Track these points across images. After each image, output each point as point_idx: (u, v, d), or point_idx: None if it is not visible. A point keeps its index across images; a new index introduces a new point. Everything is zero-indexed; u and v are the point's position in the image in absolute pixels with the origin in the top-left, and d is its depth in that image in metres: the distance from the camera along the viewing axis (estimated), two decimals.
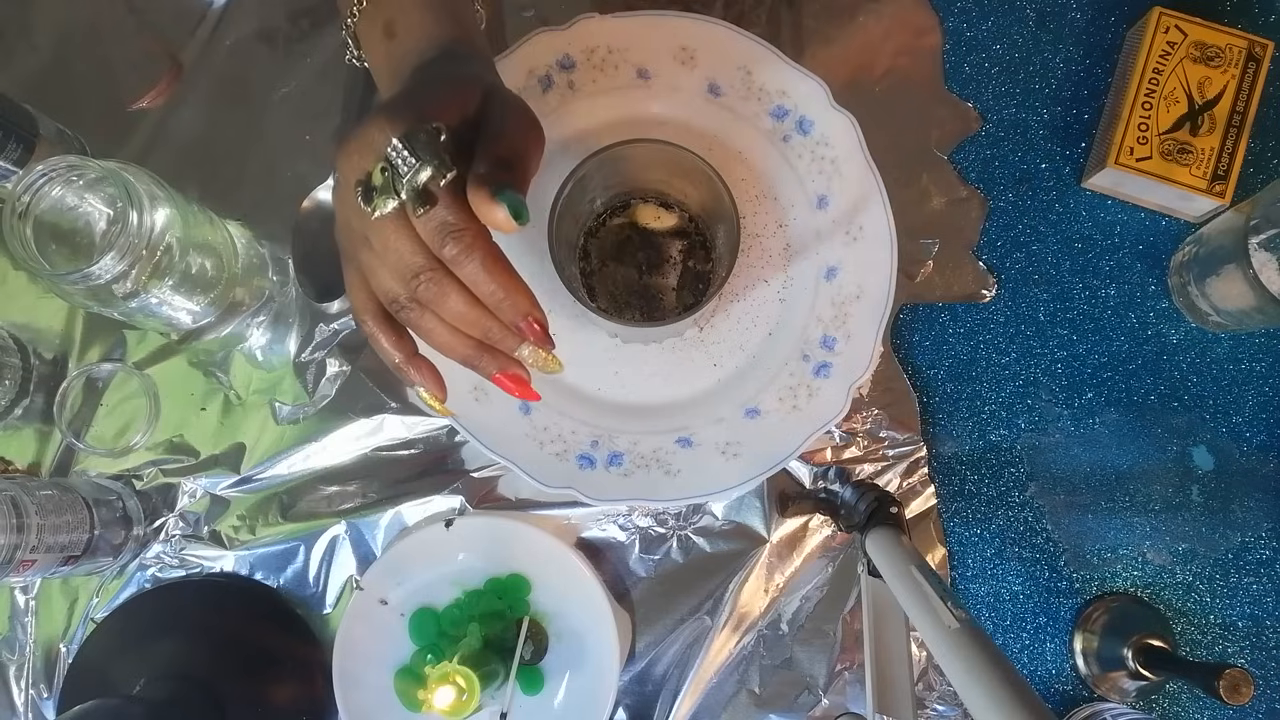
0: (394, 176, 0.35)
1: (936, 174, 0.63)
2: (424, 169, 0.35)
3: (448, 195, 0.36)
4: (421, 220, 0.36)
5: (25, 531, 0.52)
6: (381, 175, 0.35)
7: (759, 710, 0.59)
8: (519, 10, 0.64)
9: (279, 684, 0.59)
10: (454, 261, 0.36)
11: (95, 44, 0.65)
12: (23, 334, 0.62)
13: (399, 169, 0.35)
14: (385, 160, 0.35)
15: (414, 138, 0.35)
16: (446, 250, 0.36)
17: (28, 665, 0.60)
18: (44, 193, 0.52)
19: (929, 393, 0.62)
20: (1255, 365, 0.62)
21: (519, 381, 0.41)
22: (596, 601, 0.57)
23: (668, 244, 0.58)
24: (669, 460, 0.57)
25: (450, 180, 0.35)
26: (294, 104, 0.64)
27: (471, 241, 0.36)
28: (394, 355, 0.41)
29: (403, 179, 0.35)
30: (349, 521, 0.60)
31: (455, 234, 0.36)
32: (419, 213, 0.35)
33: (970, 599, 0.61)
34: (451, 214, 0.36)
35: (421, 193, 0.35)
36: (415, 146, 0.35)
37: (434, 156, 0.35)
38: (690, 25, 0.58)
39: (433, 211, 0.36)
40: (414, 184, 0.35)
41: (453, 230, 0.36)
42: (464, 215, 0.36)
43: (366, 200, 0.36)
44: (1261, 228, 0.55)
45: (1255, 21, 0.64)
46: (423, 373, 0.41)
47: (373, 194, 0.36)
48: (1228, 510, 0.61)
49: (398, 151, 0.35)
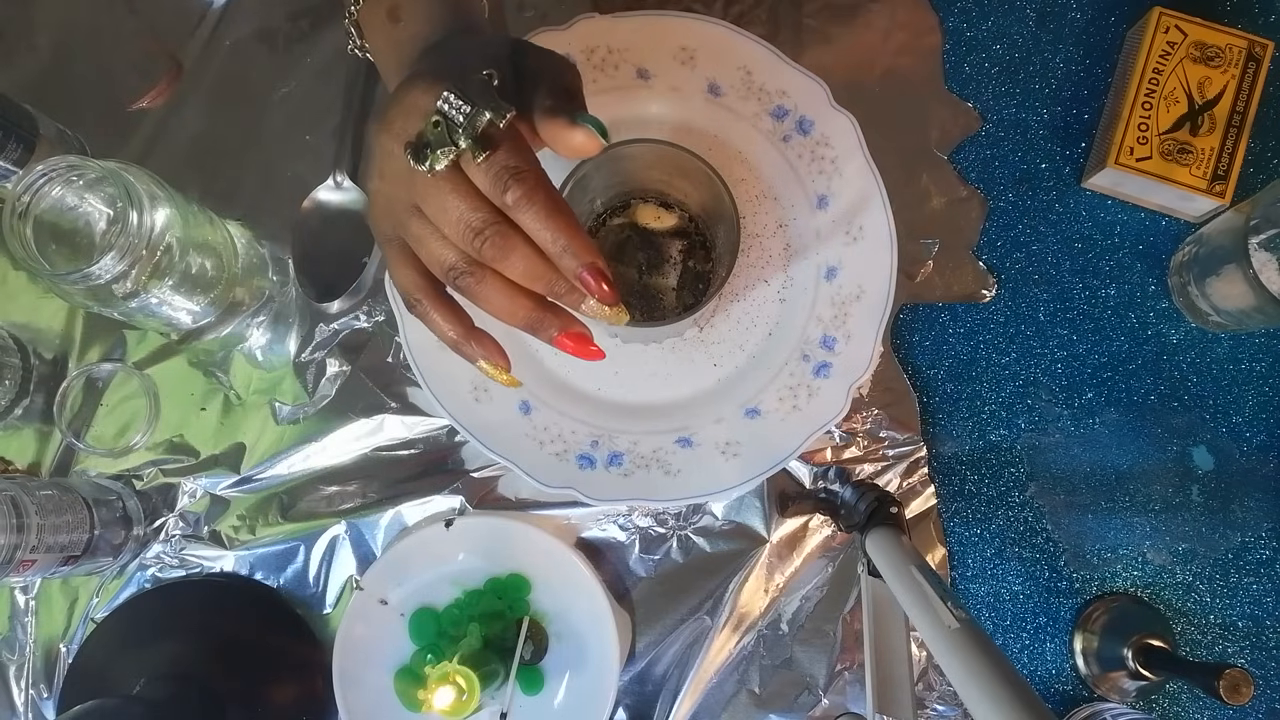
0: (448, 128, 0.34)
1: (936, 174, 0.63)
2: (482, 112, 0.34)
3: (511, 136, 0.35)
4: (483, 167, 0.35)
5: (25, 531, 0.52)
6: (434, 130, 0.34)
7: (759, 710, 0.59)
8: (519, 10, 0.64)
9: (279, 684, 0.59)
10: (517, 206, 0.35)
11: (95, 44, 0.65)
12: (23, 334, 0.62)
13: (454, 119, 0.34)
14: (437, 114, 0.34)
15: (467, 84, 0.34)
16: (509, 195, 0.35)
17: (28, 665, 0.60)
18: (44, 193, 0.52)
19: (929, 393, 0.62)
20: (1255, 365, 0.62)
21: (581, 340, 0.39)
22: (596, 601, 0.57)
23: (668, 244, 0.58)
24: (669, 460, 0.57)
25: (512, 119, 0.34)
26: (294, 104, 0.64)
27: (535, 183, 0.35)
28: (451, 331, 0.40)
29: (459, 127, 0.34)
30: (349, 521, 0.60)
31: (518, 176, 0.35)
32: (480, 158, 0.34)
33: (970, 599, 0.61)
34: (514, 154, 0.35)
35: (482, 137, 0.34)
36: (470, 93, 0.34)
37: (490, 99, 0.34)
38: (690, 25, 0.58)
39: (494, 155, 0.35)
40: (473, 128, 0.34)
41: (515, 172, 0.35)
42: (526, 157, 0.35)
43: (419, 159, 0.35)
44: (1261, 228, 0.55)
45: (1255, 21, 0.64)
46: (484, 344, 0.40)
47: (425, 151, 0.35)
48: (1228, 510, 0.61)
49: (450, 102, 0.34)
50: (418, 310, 0.40)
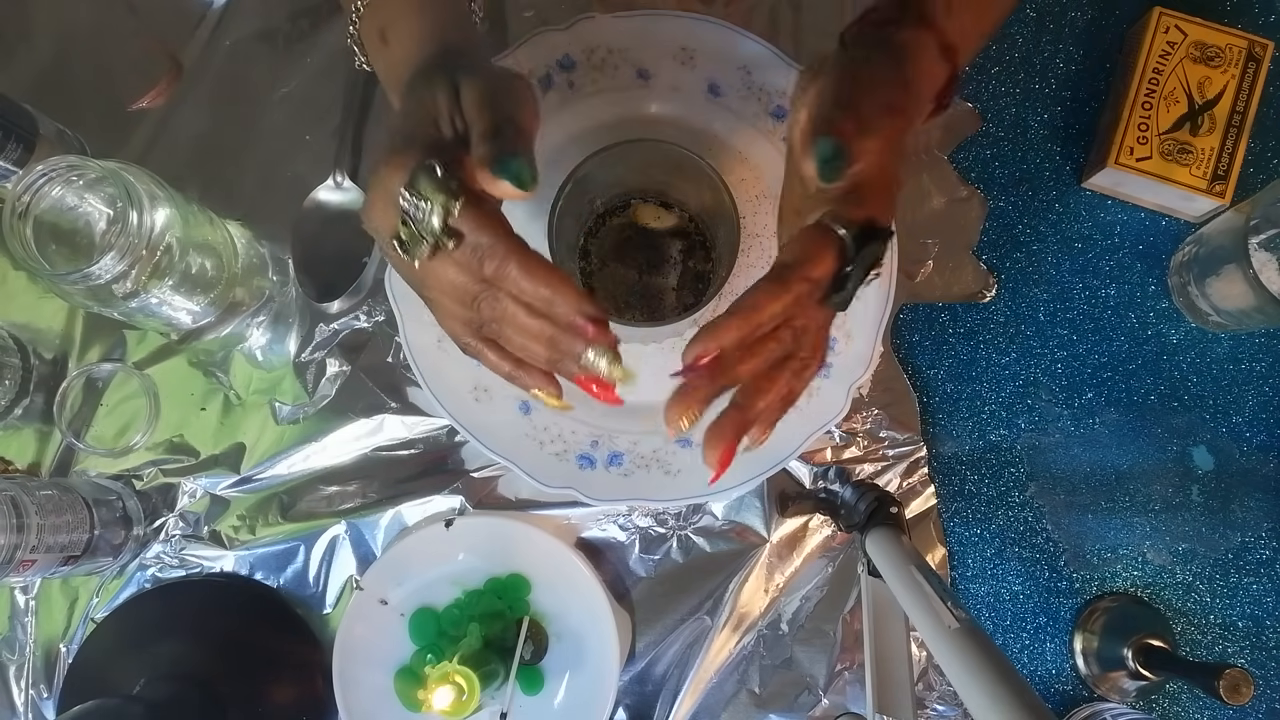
0: (415, 226, 0.36)
1: (936, 174, 0.63)
2: (435, 210, 0.36)
3: (469, 220, 0.36)
4: (455, 253, 0.37)
5: (25, 531, 0.52)
6: (405, 229, 0.37)
7: (759, 710, 0.59)
8: (519, 10, 0.64)
9: (279, 684, 0.59)
10: (496, 280, 0.37)
11: (95, 44, 0.65)
12: (23, 334, 0.62)
13: (416, 217, 0.36)
14: (403, 214, 0.36)
15: (415, 183, 0.36)
16: (486, 270, 0.37)
17: (28, 665, 0.60)
18: (44, 193, 0.52)
19: (929, 393, 0.62)
20: (1255, 365, 0.62)
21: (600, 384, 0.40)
22: (596, 601, 0.57)
23: (668, 244, 0.58)
24: (669, 460, 0.57)
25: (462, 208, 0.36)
26: (294, 104, 0.64)
27: (504, 254, 0.36)
28: (502, 367, 0.41)
29: (424, 224, 0.36)
30: (349, 521, 0.60)
31: (487, 253, 0.36)
32: (450, 248, 0.36)
33: (970, 599, 0.61)
34: (477, 235, 0.36)
35: (444, 230, 0.36)
36: (419, 192, 0.36)
37: (438, 193, 0.35)
38: (690, 25, 0.58)
39: (462, 241, 0.36)
40: (432, 227, 0.36)
41: (484, 250, 0.36)
42: (490, 232, 0.36)
43: (406, 253, 0.37)
44: (1261, 228, 0.55)
45: (1255, 21, 0.64)
46: (534, 376, 0.42)
47: (407, 246, 0.37)
48: (1228, 510, 0.61)
49: (408, 201, 0.36)
50: (470, 351, 0.41)
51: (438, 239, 0.36)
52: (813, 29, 0.64)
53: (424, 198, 0.35)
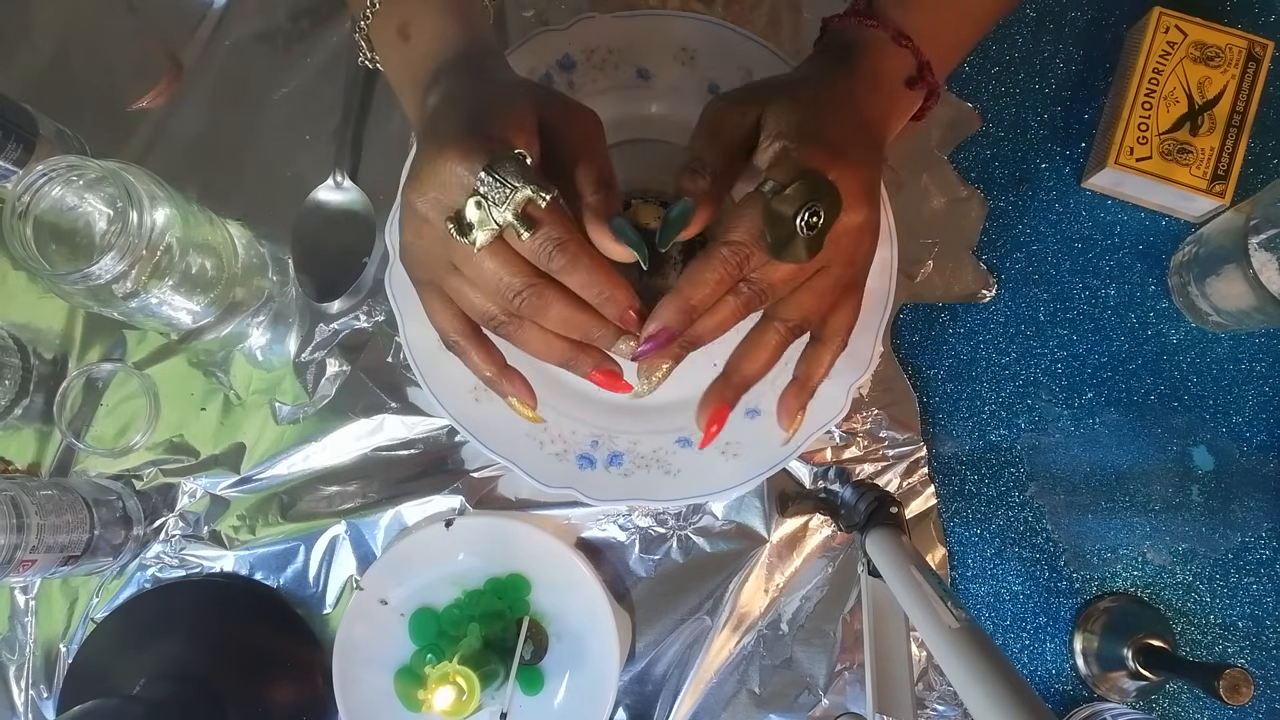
0: (489, 207, 0.36)
1: (936, 174, 0.63)
2: (516, 197, 0.36)
3: (550, 211, 0.37)
4: (526, 241, 0.37)
5: (25, 531, 0.52)
6: (476, 209, 0.36)
7: (759, 710, 0.59)
8: (519, 10, 0.64)
9: (279, 684, 0.59)
10: (562, 271, 0.38)
11: (95, 44, 0.65)
12: (23, 334, 0.62)
13: (494, 199, 0.36)
14: (476, 194, 0.36)
15: (501, 167, 0.36)
16: (554, 263, 0.37)
17: (28, 665, 0.60)
18: (44, 193, 0.52)
19: (929, 393, 0.62)
20: (1255, 365, 0.62)
21: (613, 376, 0.42)
22: (596, 601, 0.57)
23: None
24: (669, 460, 0.57)
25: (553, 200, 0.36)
26: (294, 104, 0.64)
27: (577, 250, 0.37)
28: (485, 370, 0.42)
29: (501, 208, 0.36)
30: (349, 521, 0.60)
31: (560, 246, 0.37)
32: (524, 235, 0.36)
33: (970, 599, 0.61)
34: (555, 228, 0.37)
35: (523, 217, 0.36)
36: (506, 176, 0.36)
37: (528, 182, 0.36)
38: (690, 25, 0.58)
39: (538, 231, 0.37)
40: (506, 214, 0.36)
41: (558, 243, 0.37)
42: (567, 226, 0.37)
43: (462, 233, 0.37)
44: (1261, 228, 0.55)
45: (1255, 21, 0.64)
46: (515, 383, 0.43)
47: (469, 228, 0.37)
48: (1228, 510, 0.61)
49: (487, 184, 0.36)
50: (455, 349, 0.42)
51: (511, 225, 0.36)
52: (813, 29, 0.63)
53: (508, 183, 0.36)
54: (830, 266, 0.40)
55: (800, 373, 0.45)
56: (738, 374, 0.43)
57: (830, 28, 0.47)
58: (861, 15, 0.45)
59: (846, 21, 0.45)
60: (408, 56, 0.44)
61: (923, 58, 0.44)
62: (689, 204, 0.39)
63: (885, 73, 0.44)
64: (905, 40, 0.44)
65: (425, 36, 0.44)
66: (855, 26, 0.45)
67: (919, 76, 0.45)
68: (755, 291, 0.40)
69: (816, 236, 0.37)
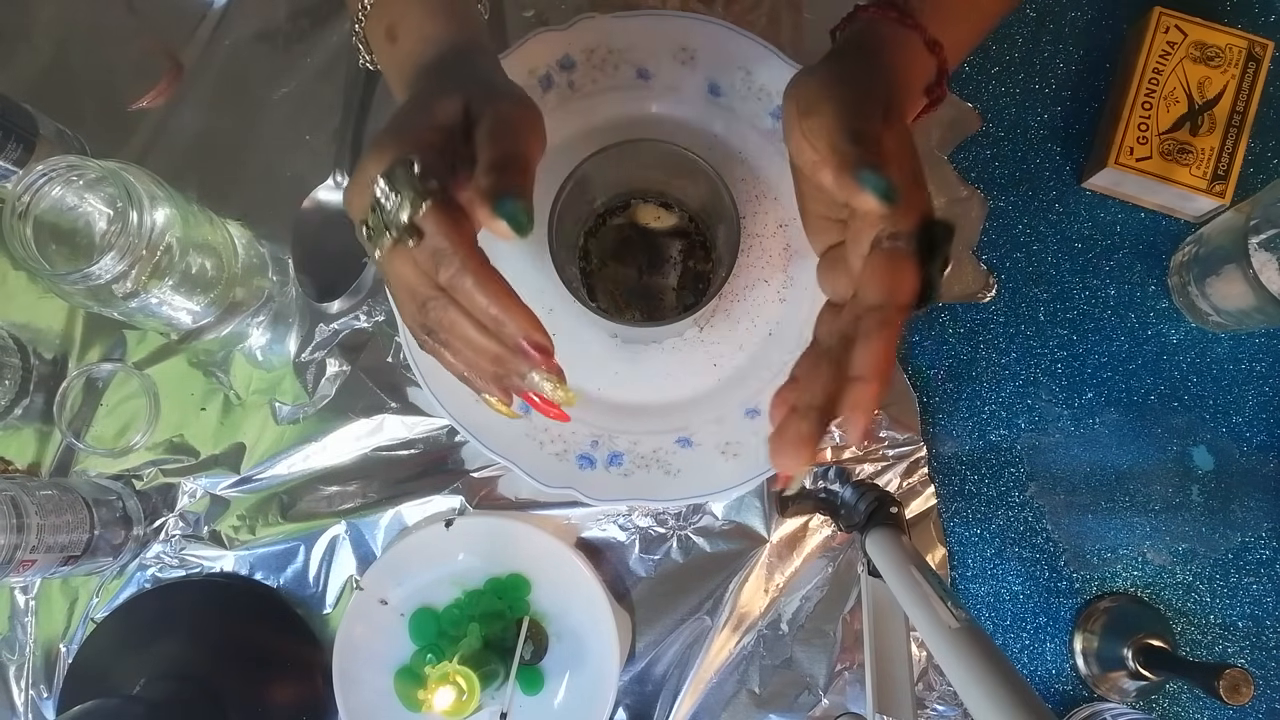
0: (383, 215, 0.36)
1: (936, 174, 0.63)
2: (404, 204, 0.35)
3: (433, 222, 0.36)
4: (415, 251, 0.36)
5: (25, 531, 0.52)
6: (374, 215, 0.36)
7: (759, 710, 0.59)
8: (519, 10, 0.64)
9: (279, 684, 0.59)
10: (450, 286, 0.37)
11: (95, 44, 0.65)
12: (23, 334, 0.62)
13: (385, 207, 0.36)
14: (374, 200, 0.36)
15: (391, 174, 0.35)
16: (441, 275, 0.36)
17: (28, 665, 0.60)
18: (44, 193, 0.52)
19: (929, 393, 0.62)
20: (1255, 365, 0.62)
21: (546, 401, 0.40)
22: (596, 601, 0.57)
23: (668, 244, 0.58)
24: (669, 460, 0.57)
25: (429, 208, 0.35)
26: (294, 104, 0.64)
27: (462, 263, 0.36)
28: (456, 368, 0.41)
29: (389, 215, 0.36)
30: (349, 521, 0.60)
31: (444, 259, 0.36)
32: (410, 244, 0.36)
33: (970, 599, 0.61)
34: (440, 239, 0.36)
35: (408, 226, 0.36)
36: (394, 183, 0.35)
37: (410, 189, 0.35)
38: (690, 25, 0.58)
39: (422, 241, 0.36)
40: (398, 220, 0.35)
41: (441, 255, 0.36)
42: (453, 239, 0.36)
43: (368, 240, 0.37)
44: (1261, 228, 0.55)
45: (1255, 21, 0.64)
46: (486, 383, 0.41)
47: (370, 234, 0.36)
48: (1228, 510, 0.61)
49: (381, 190, 0.36)
50: (427, 349, 0.41)
51: (401, 233, 0.36)
52: (813, 29, 0.64)
53: (396, 190, 0.35)
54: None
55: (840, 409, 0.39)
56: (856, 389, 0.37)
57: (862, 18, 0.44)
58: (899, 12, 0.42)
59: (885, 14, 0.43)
60: (395, 58, 0.44)
61: (945, 67, 0.43)
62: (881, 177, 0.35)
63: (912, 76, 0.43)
64: (938, 48, 0.42)
65: (411, 38, 0.44)
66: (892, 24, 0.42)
67: (935, 84, 0.44)
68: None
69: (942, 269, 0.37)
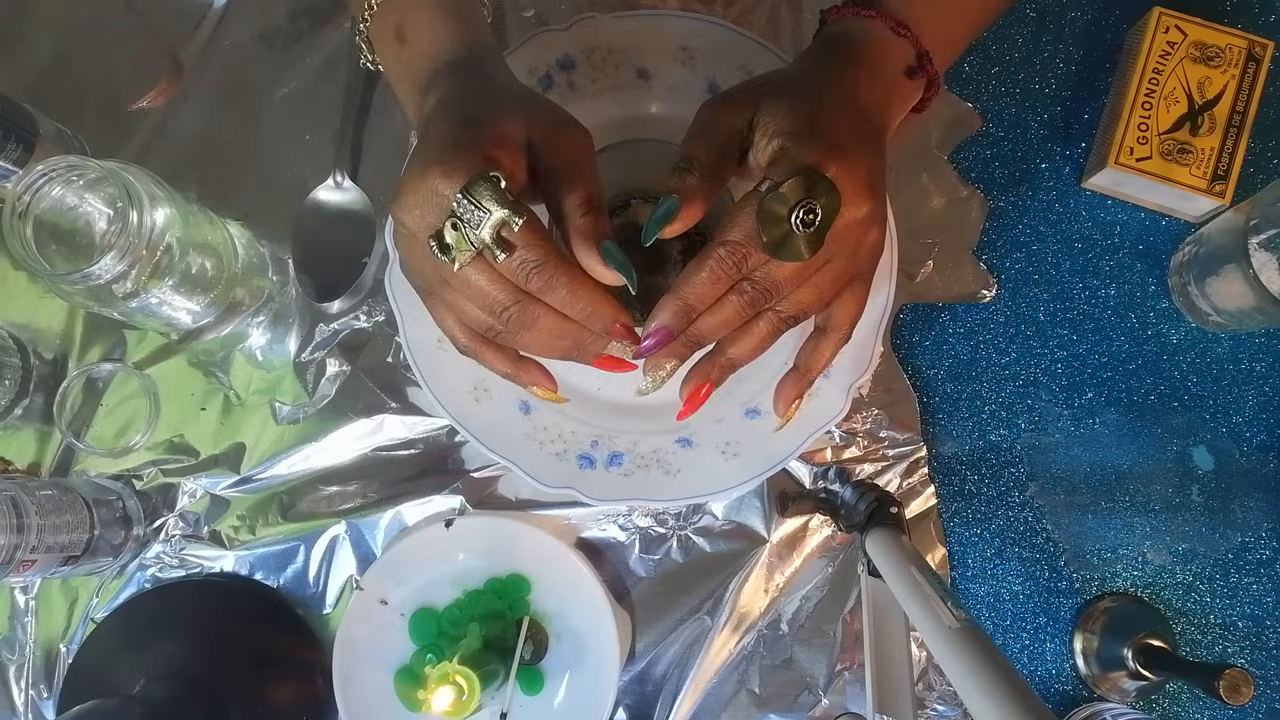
0: (466, 229, 0.36)
1: (936, 174, 0.63)
2: (491, 219, 0.36)
3: (524, 236, 0.36)
4: (503, 263, 0.37)
5: (25, 531, 0.52)
6: (453, 230, 0.36)
7: (759, 710, 0.59)
8: (519, 10, 0.64)
9: (279, 684, 0.59)
10: (541, 292, 0.38)
11: (95, 44, 0.65)
12: (23, 334, 0.62)
13: (469, 222, 0.36)
14: (453, 215, 0.36)
15: (476, 190, 0.36)
16: (533, 284, 0.37)
17: (28, 665, 0.60)
18: (44, 193, 0.52)
19: (929, 393, 0.62)
20: (1255, 365, 0.62)
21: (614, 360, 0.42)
22: (596, 601, 0.57)
23: (668, 244, 0.58)
24: (669, 460, 0.57)
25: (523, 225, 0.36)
26: (294, 104, 0.64)
27: (554, 271, 0.37)
28: (501, 369, 0.43)
29: (476, 231, 0.36)
30: (349, 521, 0.60)
31: (538, 268, 0.37)
32: (499, 258, 0.37)
33: (970, 599, 0.61)
34: (530, 250, 0.37)
35: (497, 240, 0.36)
36: (480, 199, 0.36)
37: (501, 206, 0.36)
38: (690, 25, 0.58)
39: (512, 254, 0.37)
40: (483, 235, 0.36)
41: (535, 265, 0.37)
42: (542, 249, 0.37)
43: (443, 252, 0.37)
44: (1261, 228, 0.55)
45: (1255, 21, 0.64)
46: (532, 374, 0.43)
47: (449, 248, 0.37)
48: (1228, 510, 0.61)
49: (463, 206, 0.36)
50: (468, 354, 0.42)
51: (487, 248, 0.36)
52: (813, 29, 0.63)
53: (482, 206, 0.36)
54: (833, 261, 0.40)
55: (800, 361, 0.45)
56: (724, 355, 0.43)
57: (827, 20, 0.47)
58: (859, 6, 0.44)
59: (843, 13, 0.45)
60: (404, 59, 0.44)
61: (922, 46, 0.44)
62: (674, 201, 0.39)
63: (884, 63, 0.44)
64: (904, 30, 0.44)
65: (422, 39, 0.44)
66: (852, 18, 0.44)
67: (919, 66, 0.45)
68: (759, 290, 0.40)
69: (816, 233, 0.37)
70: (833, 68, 0.43)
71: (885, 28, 0.44)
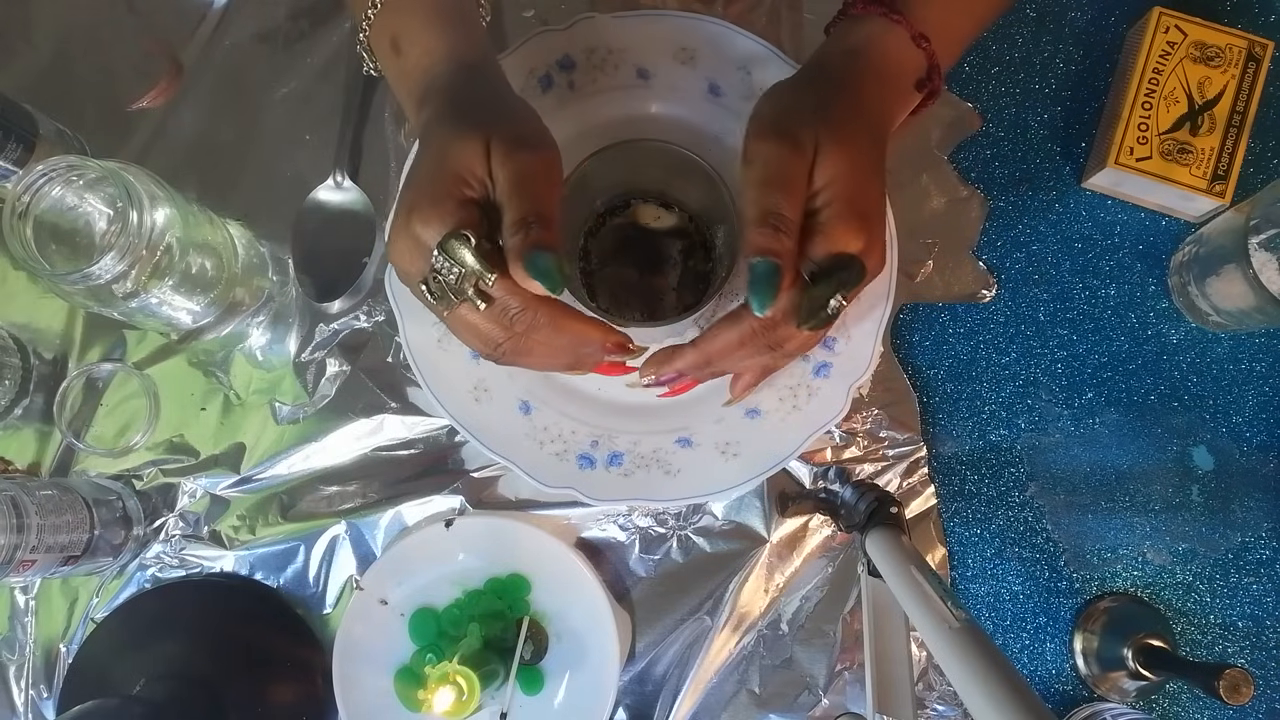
0: (445, 282, 0.38)
1: (936, 174, 0.63)
2: (468, 274, 0.38)
3: (500, 286, 0.38)
4: (484, 313, 0.39)
5: (25, 531, 0.52)
6: (434, 281, 0.39)
7: (759, 710, 0.59)
8: (519, 10, 0.64)
9: (279, 684, 0.59)
10: (528, 335, 0.40)
11: (95, 44, 0.65)
12: (23, 334, 0.62)
13: (448, 276, 0.38)
14: (434, 269, 0.38)
15: (449, 248, 0.37)
16: (516, 328, 0.40)
17: (28, 665, 0.60)
18: (44, 193, 0.52)
19: (929, 393, 0.62)
20: (1255, 365, 0.62)
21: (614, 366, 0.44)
22: (596, 601, 0.57)
23: (668, 244, 0.58)
24: (669, 460, 0.57)
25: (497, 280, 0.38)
26: (294, 104, 0.64)
27: (534, 314, 0.39)
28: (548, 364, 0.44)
29: (452, 284, 0.38)
30: (349, 521, 0.60)
31: (519, 314, 0.39)
32: (481, 308, 0.39)
33: (970, 599, 0.61)
34: (511, 301, 0.39)
35: (477, 292, 0.38)
36: (454, 255, 0.38)
37: (473, 263, 0.37)
38: (690, 25, 0.58)
39: (491, 305, 0.39)
40: (463, 288, 0.38)
41: (516, 311, 0.39)
42: (520, 296, 0.39)
43: (435, 298, 0.39)
44: (1261, 228, 0.55)
45: (1255, 21, 0.64)
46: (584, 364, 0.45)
47: (435, 295, 0.39)
48: (1228, 510, 0.61)
49: (440, 262, 0.38)
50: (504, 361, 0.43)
51: (468, 300, 0.38)
52: (812, 29, 0.64)
53: (456, 262, 0.37)
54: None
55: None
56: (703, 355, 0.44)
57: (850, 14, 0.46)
58: (885, 6, 0.44)
59: (870, 9, 0.44)
60: (401, 70, 0.45)
61: (934, 61, 0.44)
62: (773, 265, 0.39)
63: (901, 75, 0.44)
64: (923, 42, 0.44)
65: (415, 51, 0.44)
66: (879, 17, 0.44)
67: (927, 79, 0.45)
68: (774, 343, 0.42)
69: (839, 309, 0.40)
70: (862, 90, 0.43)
71: (906, 35, 0.44)
